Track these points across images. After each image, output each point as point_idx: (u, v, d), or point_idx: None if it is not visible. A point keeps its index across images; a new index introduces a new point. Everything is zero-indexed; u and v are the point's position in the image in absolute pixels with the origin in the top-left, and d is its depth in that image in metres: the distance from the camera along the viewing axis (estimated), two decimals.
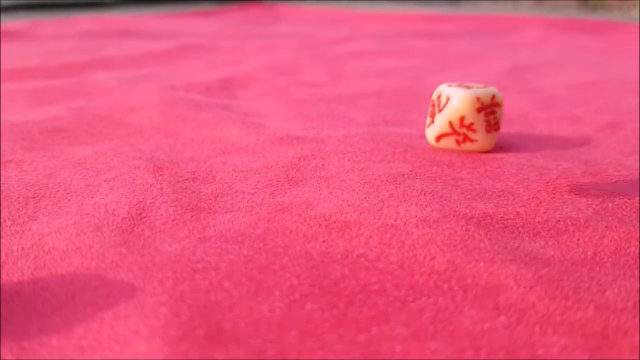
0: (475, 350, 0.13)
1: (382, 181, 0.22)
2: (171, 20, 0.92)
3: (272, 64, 0.50)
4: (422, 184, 0.21)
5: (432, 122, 0.26)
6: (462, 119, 0.25)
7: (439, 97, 0.26)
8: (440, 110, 0.26)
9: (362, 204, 0.20)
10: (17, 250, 0.17)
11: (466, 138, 0.26)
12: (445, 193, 0.21)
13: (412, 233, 0.18)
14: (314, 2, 1.39)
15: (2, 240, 0.18)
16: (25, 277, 0.16)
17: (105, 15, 0.93)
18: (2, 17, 0.93)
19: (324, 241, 0.17)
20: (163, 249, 0.17)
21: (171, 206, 0.20)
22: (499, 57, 0.58)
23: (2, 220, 0.19)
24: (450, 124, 0.26)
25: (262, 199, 0.20)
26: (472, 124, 0.25)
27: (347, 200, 0.20)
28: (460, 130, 0.26)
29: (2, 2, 1.07)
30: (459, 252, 0.16)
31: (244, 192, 0.21)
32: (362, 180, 0.21)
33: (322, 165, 0.24)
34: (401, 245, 0.17)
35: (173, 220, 0.19)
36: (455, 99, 0.25)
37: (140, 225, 0.18)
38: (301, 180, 0.22)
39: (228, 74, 0.44)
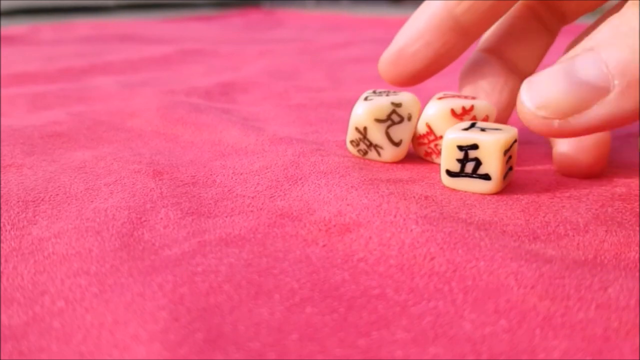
0: (476, 355, 0.13)
1: (381, 181, 0.22)
2: (171, 25, 0.92)
3: (272, 69, 0.50)
4: (421, 189, 0.21)
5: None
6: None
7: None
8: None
9: (361, 201, 0.19)
10: (17, 255, 0.17)
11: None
12: (444, 198, 0.21)
13: (412, 230, 0.18)
14: (313, 7, 1.39)
15: (1, 244, 0.17)
16: (24, 281, 0.15)
17: (105, 20, 0.93)
18: (2, 21, 0.93)
19: (323, 245, 0.17)
20: (163, 253, 0.17)
21: (171, 210, 0.20)
22: None
23: (1, 224, 0.19)
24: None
25: (262, 203, 0.20)
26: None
27: (347, 200, 0.20)
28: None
29: (2, 6, 1.08)
30: (459, 251, 0.16)
31: (243, 196, 0.21)
32: (362, 178, 0.21)
33: (322, 161, 0.23)
34: (401, 244, 0.17)
35: (173, 224, 0.19)
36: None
37: (140, 229, 0.18)
38: (300, 179, 0.22)
39: (228, 79, 0.44)
